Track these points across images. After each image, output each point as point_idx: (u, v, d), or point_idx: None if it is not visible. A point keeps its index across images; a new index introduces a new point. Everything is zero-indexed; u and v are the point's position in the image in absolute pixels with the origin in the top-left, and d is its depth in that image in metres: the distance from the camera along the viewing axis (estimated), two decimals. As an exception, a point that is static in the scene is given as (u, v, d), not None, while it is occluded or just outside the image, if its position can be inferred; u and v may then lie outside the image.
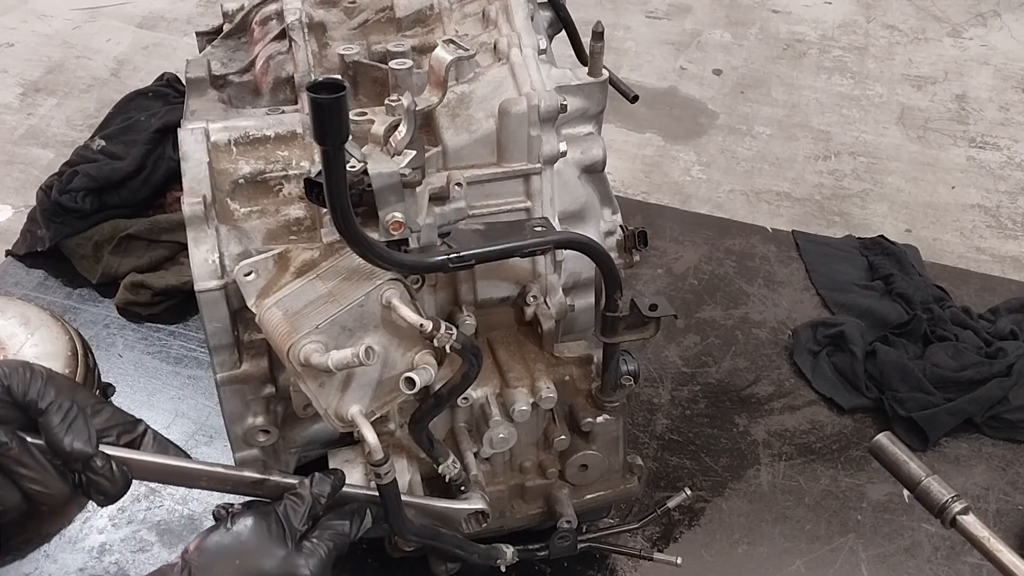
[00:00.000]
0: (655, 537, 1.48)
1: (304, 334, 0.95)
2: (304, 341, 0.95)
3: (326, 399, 1.00)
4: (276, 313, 1.01)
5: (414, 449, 1.16)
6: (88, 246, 1.90)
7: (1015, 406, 1.68)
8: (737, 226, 2.13)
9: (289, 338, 0.96)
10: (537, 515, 1.29)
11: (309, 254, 1.08)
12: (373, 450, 0.99)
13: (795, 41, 3.25)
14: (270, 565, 0.97)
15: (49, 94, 2.81)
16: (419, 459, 1.17)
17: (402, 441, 1.17)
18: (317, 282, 1.04)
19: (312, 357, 0.95)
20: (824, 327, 1.83)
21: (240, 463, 1.24)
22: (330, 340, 0.97)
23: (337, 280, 1.03)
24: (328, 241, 1.08)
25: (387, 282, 1.00)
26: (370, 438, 0.99)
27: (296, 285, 1.04)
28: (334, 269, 1.05)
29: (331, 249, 1.08)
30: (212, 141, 1.16)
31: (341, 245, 1.07)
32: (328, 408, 1.00)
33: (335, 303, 0.98)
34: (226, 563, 0.96)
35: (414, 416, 1.10)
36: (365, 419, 1.00)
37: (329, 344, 0.97)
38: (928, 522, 1.53)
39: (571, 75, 1.25)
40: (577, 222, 1.28)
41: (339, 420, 1.01)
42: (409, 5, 1.31)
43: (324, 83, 0.83)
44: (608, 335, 1.17)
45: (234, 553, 0.97)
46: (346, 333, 0.98)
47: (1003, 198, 2.56)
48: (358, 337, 0.99)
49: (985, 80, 3.07)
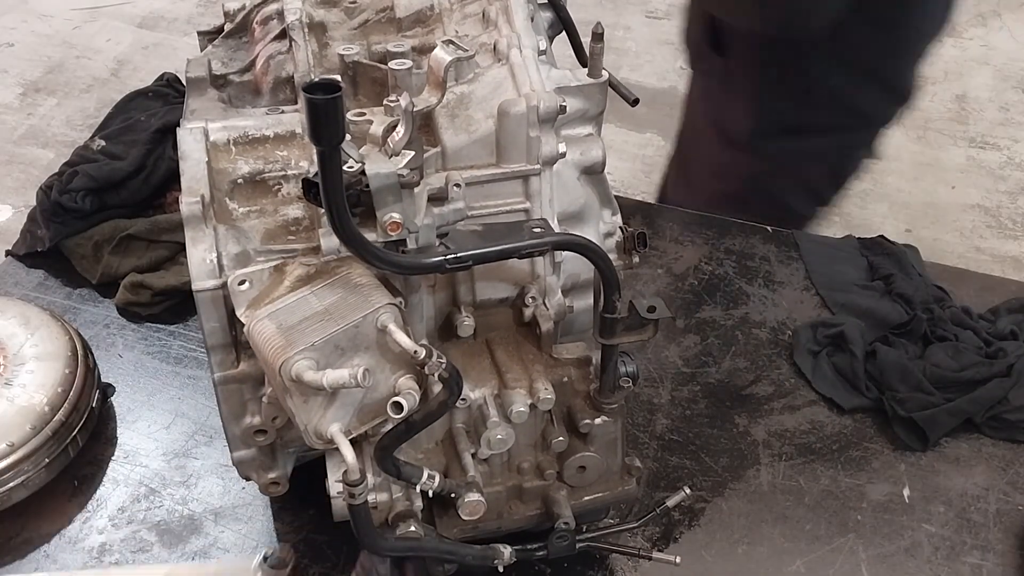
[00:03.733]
0: (655, 537, 1.48)
1: (299, 350, 0.95)
2: (298, 357, 0.95)
3: (307, 415, 1.00)
4: (269, 326, 1.01)
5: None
6: (88, 246, 1.90)
7: (1015, 406, 1.68)
8: (737, 226, 2.13)
9: (283, 352, 0.95)
10: (535, 516, 1.28)
11: (305, 269, 1.08)
12: (351, 469, 0.99)
13: (795, 41, 3.25)
14: None
15: (49, 94, 2.81)
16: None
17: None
18: (312, 298, 1.04)
19: (305, 374, 0.95)
20: (824, 327, 1.82)
21: (238, 463, 1.24)
22: (322, 358, 0.97)
23: (333, 298, 1.03)
24: (325, 259, 1.09)
25: (384, 306, 1.00)
26: (349, 457, 0.99)
27: (290, 299, 1.04)
28: (330, 287, 1.05)
29: (327, 266, 1.08)
30: (211, 141, 1.16)
31: (338, 264, 1.07)
32: (308, 424, 1.00)
33: (332, 322, 0.98)
34: None
35: (381, 442, 1.09)
36: (344, 437, 1.00)
37: (321, 362, 0.97)
38: (928, 522, 1.53)
39: (571, 76, 1.25)
40: (576, 223, 1.28)
41: (317, 437, 1.01)
42: (409, 5, 1.31)
43: (321, 83, 0.83)
44: (606, 337, 1.17)
45: None
46: (338, 352, 0.98)
47: (1003, 198, 2.56)
48: (348, 357, 0.99)
49: (985, 80, 3.07)
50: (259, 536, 1.47)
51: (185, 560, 1.44)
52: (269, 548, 1.34)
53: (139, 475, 1.56)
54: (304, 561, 1.43)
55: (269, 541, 1.47)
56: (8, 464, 1.45)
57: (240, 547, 1.45)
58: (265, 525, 1.49)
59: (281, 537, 1.47)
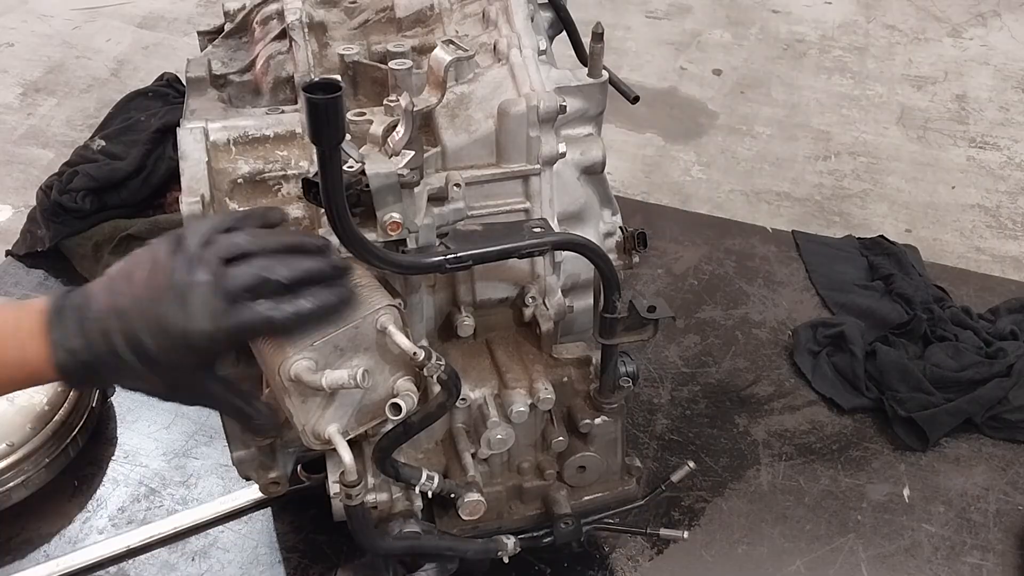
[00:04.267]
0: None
1: (298, 350, 0.95)
2: (297, 357, 0.95)
3: (305, 416, 0.99)
4: None
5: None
6: (88, 246, 1.90)
7: (1015, 406, 1.68)
8: (737, 226, 2.13)
9: (282, 353, 0.95)
10: (535, 516, 1.28)
11: None
12: (348, 470, 0.99)
13: (795, 41, 3.25)
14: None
15: (49, 94, 2.81)
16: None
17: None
18: None
19: (304, 374, 0.95)
20: (824, 327, 1.82)
21: (238, 462, 1.24)
22: (321, 358, 0.97)
23: None
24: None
25: (384, 307, 1.00)
26: (346, 458, 0.99)
27: None
28: None
29: None
30: (211, 140, 1.16)
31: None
32: (306, 425, 1.00)
33: (331, 323, 0.98)
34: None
35: (379, 443, 1.09)
36: (342, 438, 1.00)
37: (320, 362, 0.97)
38: (928, 522, 1.53)
39: (571, 76, 1.25)
40: (576, 223, 1.28)
41: (315, 438, 1.01)
42: (409, 5, 1.31)
43: (321, 83, 0.83)
44: (606, 337, 1.17)
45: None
46: (337, 353, 0.98)
47: (1003, 198, 2.56)
48: (347, 358, 0.99)
49: (985, 80, 3.06)
50: (259, 536, 1.47)
51: (185, 560, 1.44)
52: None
53: (139, 475, 1.56)
54: (304, 561, 1.44)
55: (269, 541, 1.47)
56: (8, 464, 1.45)
57: (240, 547, 1.45)
58: (265, 525, 1.49)
59: (281, 537, 1.47)
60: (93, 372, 0.92)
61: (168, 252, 0.91)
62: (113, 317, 0.89)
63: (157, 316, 0.89)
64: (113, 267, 0.94)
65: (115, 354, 0.89)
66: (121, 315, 0.89)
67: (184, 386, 0.95)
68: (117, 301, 0.90)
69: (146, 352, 0.89)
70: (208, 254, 0.90)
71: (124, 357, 0.89)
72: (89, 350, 0.90)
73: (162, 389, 0.95)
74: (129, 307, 0.89)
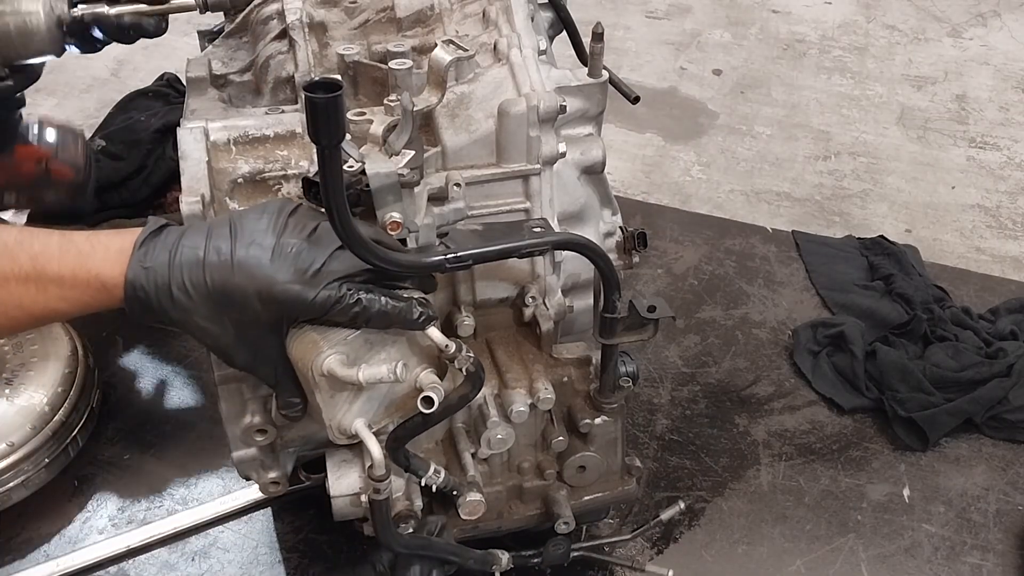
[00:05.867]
0: (655, 537, 1.48)
1: (332, 344, 0.95)
2: (331, 352, 0.95)
3: (333, 411, 1.00)
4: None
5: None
6: (88, 246, 1.90)
7: (1015, 406, 1.68)
8: (737, 226, 2.13)
9: (316, 347, 0.96)
10: (535, 516, 1.28)
11: None
12: (376, 464, 0.99)
13: (795, 41, 3.25)
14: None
15: (49, 94, 2.81)
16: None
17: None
18: None
19: (337, 369, 0.95)
20: (824, 327, 1.83)
21: (238, 462, 1.24)
22: (352, 352, 0.97)
23: None
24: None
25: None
26: (375, 452, 0.99)
27: None
28: None
29: None
30: (211, 140, 1.16)
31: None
32: (332, 420, 1.00)
33: None
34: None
35: (395, 433, 1.09)
36: (369, 432, 1.00)
37: (351, 356, 0.97)
38: (928, 522, 1.53)
39: (571, 76, 1.25)
40: (576, 223, 1.28)
41: (340, 432, 1.01)
42: (409, 5, 1.31)
43: (321, 83, 0.83)
44: (606, 337, 1.17)
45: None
46: (367, 347, 0.98)
47: (1003, 198, 2.56)
48: (376, 352, 0.99)
49: (985, 80, 3.07)
50: (259, 536, 1.47)
51: (185, 560, 1.44)
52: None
53: (139, 475, 1.56)
54: (304, 561, 1.44)
55: (269, 541, 1.47)
56: (8, 464, 1.45)
57: (240, 547, 1.46)
58: (265, 525, 1.49)
59: (281, 537, 1.47)
60: (165, 297, 0.94)
61: (285, 212, 0.97)
62: (211, 251, 0.93)
63: (251, 259, 0.92)
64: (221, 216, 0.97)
65: (198, 284, 0.92)
66: (218, 250, 0.93)
67: (252, 340, 0.97)
68: (216, 239, 0.94)
69: (229, 292, 0.92)
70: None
71: (204, 288, 0.92)
72: (167, 272, 0.93)
73: (227, 340, 0.97)
74: (225, 246, 0.93)
